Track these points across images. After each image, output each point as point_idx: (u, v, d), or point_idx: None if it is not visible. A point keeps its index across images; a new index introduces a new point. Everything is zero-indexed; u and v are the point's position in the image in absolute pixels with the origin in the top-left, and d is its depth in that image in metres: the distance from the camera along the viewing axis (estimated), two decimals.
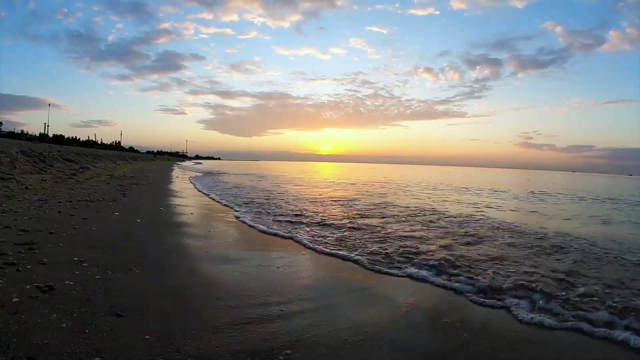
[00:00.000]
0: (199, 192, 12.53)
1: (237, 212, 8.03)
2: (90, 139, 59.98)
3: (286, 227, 6.47)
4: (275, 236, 5.73)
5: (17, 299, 2.37)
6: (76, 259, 3.32)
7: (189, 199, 10.31)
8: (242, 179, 22.26)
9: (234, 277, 3.57)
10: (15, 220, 4.42)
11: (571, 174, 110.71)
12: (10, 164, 9.70)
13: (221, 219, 7.16)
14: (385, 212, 8.80)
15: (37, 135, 44.24)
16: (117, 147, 64.82)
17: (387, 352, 2.29)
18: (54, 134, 50.39)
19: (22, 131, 43.86)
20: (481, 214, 9.05)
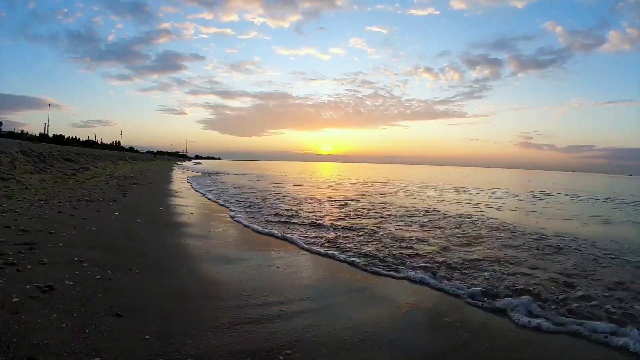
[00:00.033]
0: (196, 191, 12.52)
1: (232, 211, 8.03)
2: (90, 139, 60.01)
3: (282, 227, 6.46)
4: (270, 236, 5.70)
5: (17, 299, 2.37)
6: (76, 259, 3.33)
7: (189, 199, 10.31)
8: (242, 179, 22.26)
9: (234, 277, 3.57)
10: (15, 220, 4.42)
11: (571, 174, 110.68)
12: (10, 164, 9.70)
13: (221, 219, 7.16)
14: (385, 212, 8.81)
15: (37, 135, 44.28)
16: (117, 147, 64.80)
17: (387, 352, 2.29)
18: (54, 134, 50.45)
19: (22, 131, 43.95)
20: (481, 214, 9.05)
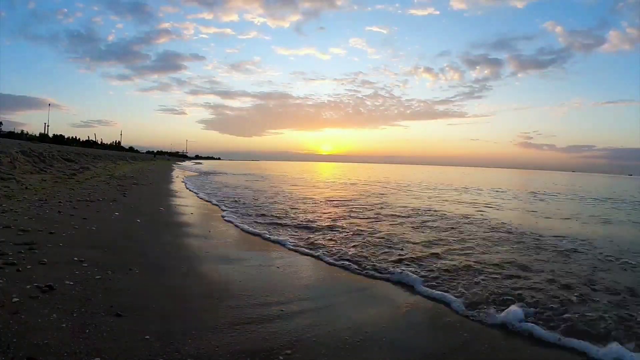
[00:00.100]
0: (192, 192, 12.51)
1: (223, 211, 8.05)
2: (90, 139, 60.01)
3: (278, 229, 6.46)
4: (270, 239, 5.69)
5: (17, 299, 2.37)
6: (76, 259, 3.32)
7: (189, 199, 10.31)
8: (242, 179, 22.26)
9: (234, 277, 3.57)
10: (15, 220, 4.42)
11: (571, 174, 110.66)
12: (10, 164, 9.70)
13: (221, 219, 7.16)
14: (385, 212, 8.81)
15: (37, 135, 44.27)
16: (117, 147, 64.80)
17: (387, 352, 2.29)
18: (54, 134, 50.46)
19: (22, 131, 43.94)
20: (480, 214, 9.06)
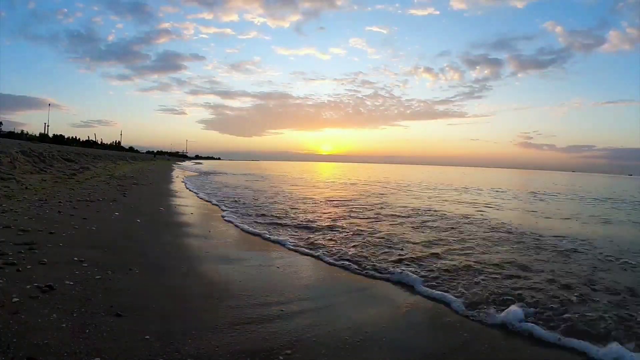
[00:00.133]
0: (192, 192, 12.51)
1: (223, 211, 8.04)
2: (90, 139, 59.99)
3: (278, 229, 6.46)
4: (269, 239, 5.69)
5: (17, 299, 2.37)
6: (76, 259, 3.32)
7: (189, 199, 10.31)
8: (242, 179, 22.26)
9: (234, 277, 3.57)
10: (15, 220, 4.42)
11: (571, 174, 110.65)
12: (10, 164, 9.70)
13: (221, 219, 7.16)
14: (385, 212, 8.81)
15: (37, 135, 44.26)
16: (117, 147, 64.78)
17: (387, 352, 2.29)
18: (54, 134, 50.45)
19: (22, 131, 43.93)
20: (480, 214, 9.06)
